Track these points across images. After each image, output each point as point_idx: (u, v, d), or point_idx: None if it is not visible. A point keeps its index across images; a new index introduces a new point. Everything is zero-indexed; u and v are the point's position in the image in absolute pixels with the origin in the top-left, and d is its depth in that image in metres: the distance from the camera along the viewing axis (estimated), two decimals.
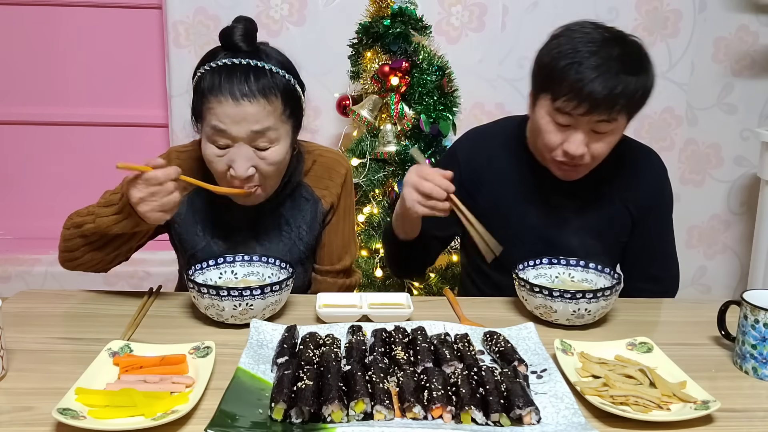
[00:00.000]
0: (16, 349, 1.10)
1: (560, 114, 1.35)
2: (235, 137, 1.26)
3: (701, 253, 2.91)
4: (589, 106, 1.30)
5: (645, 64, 1.35)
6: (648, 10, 2.58)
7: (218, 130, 1.26)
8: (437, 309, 1.35)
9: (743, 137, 2.79)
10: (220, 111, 1.25)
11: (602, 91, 1.29)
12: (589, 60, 1.30)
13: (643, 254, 1.56)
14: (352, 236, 1.57)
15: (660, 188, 1.55)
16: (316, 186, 1.48)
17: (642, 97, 1.34)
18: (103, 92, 2.73)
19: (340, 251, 1.53)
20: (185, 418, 0.91)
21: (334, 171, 1.50)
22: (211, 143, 1.29)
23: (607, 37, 1.35)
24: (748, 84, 2.73)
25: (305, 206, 1.47)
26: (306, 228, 1.47)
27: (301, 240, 1.47)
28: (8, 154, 2.77)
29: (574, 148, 1.35)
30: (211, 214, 1.44)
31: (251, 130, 1.26)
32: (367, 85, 2.22)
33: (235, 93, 1.24)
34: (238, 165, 1.27)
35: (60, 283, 2.68)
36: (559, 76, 1.32)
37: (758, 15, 2.66)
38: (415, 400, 0.93)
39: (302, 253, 1.48)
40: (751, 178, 2.82)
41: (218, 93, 1.25)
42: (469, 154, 1.57)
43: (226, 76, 1.25)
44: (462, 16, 2.56)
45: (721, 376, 1.11)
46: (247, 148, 1.28)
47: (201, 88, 1.28)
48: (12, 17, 2.64)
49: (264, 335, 1.15)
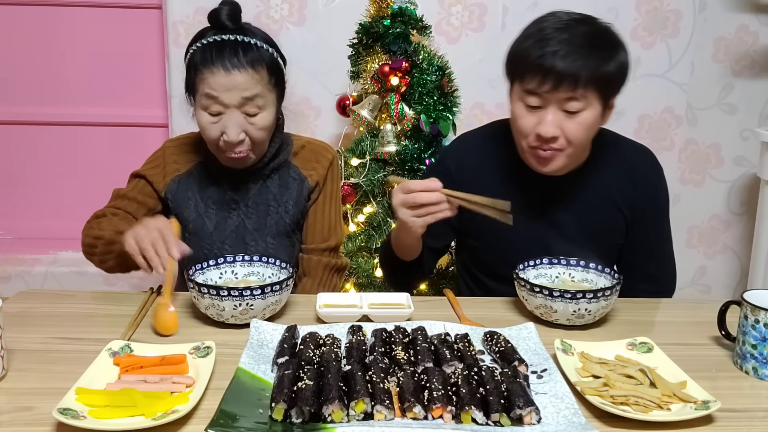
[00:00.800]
0: (16, 349, 1.10)
1: (529, 95, 1.35)
2: (226, 104, 1.40)
3: (701, 253, 2.91)
4: (554, 80, 1.30)
5: (613, 42, 1.35)
6: (648, 10, 2.58)
7: (211, 97, 1.40)
8: (437, 309, 1.35)
9: (743, 137, 2.79)
10: (212, 81, 1.39)
11: (565, 64, 1.29)
12: (554, 37, 1.31)
13: (640, 254, 1.54)
14: (338, 221, 1.64)
15: (655, 188, 1.53)
16: (304, 167, 1.59)
17: (612, 75, 1.33)
18: (103, 92, 2.73)
19: (325, 231, 1.61)
20: (185, 418, 0.91)
21: (321, 155, 1.62)
22: (204, 111, 1.42)
23: (576, 18, 1.35)
24: (748, 84, 2.73)
25: (292, 185, 1.58)
26: (292, 203, 1.57)
27: (287, 213, 1.56)
28: (8, 154, 2.77)
29: (545, 128, 1.34)
30: (204, 189, 1.56)
31: (242, 97, 1.40)
32: (367, 85, 2.22)
33: (226, 64, 1.39)
34: (230, 130, 1.41)
35: (60, 283, 2.68)
36: (524, 56, 1.34)
37: (758, 15, 2.66)
38: (415, 400, 0.93)
39: (287, 225, 1.57)
40: (751, 178, 2.82)
41: (210, 65, 1.39)
42: (457, 160, 1.56)
43: (217, 51, 1.40)
44: (462, 16, 2.56)
45: (722, 376, 1.11)
46: (238, 114, 1.41)
47: (194, 63, 1.42)
48: (12, 17, 2.64)
49: (264, 335, 1.15)
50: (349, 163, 2.23)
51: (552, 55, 1.29)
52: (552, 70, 1.29)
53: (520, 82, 1.36)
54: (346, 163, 2.24)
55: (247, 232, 1.55)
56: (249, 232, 1.55)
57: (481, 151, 1.56)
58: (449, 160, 1.59)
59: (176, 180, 1.56)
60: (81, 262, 1.56)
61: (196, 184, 1.56)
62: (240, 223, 1.55)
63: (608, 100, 1.37)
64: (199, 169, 1.56)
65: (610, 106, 1.40)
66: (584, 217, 1.49)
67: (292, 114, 1.56)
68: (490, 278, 1.56)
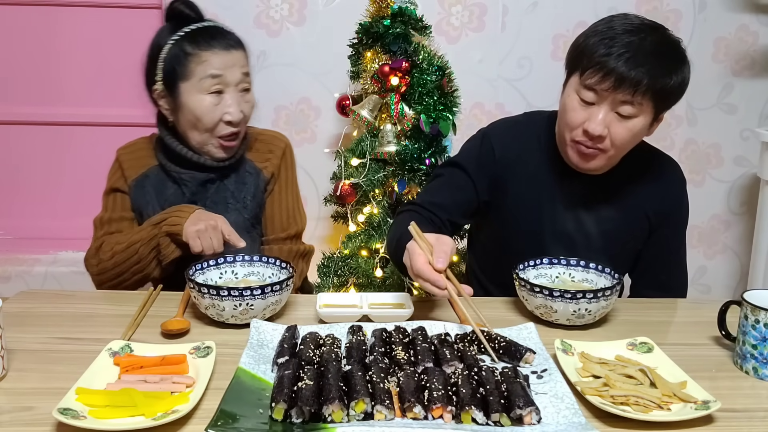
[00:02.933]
0: (16, 349, 1.10)
1: (586, 90, 1.35)
2: (228, 81, 1.47)
3: (701, 253, 2.91)
4: (614, 80, 1.30)
5: (679, 56, 1.34)
6: (648, 10, 2.58)
7: (215, 76, 1.45)
8: (437, 309, 1.35)
9: (743, 137, 2.79)
10: (216, 60, 1.46)
11: (629, 67, 1.28)
12: (622, 38, 1.30)
13: (655, 262, 1.55)
14: (297, 208, 1.65)
15: (679, 199, 1.54)
16: (258, 160, 1.62)
17: (672, 89, 1.32)
18: (102, 92, 2.73)
19: (284, 221, 1.62)
20: (185, 418, 0.91)
21: (274, 145, 1.65)
22: (204, 93, 1.46)
23: (647, 24, 1.34)
24: (748, 84, 2.73)
25: (249, 179, 1.60)
26: (250, 198, 1.59)
27: (245, 208, 1.58)
28: (8, 154, 2.77)
29: (594, 126, 1.34)
30: (161, 192, 1.56)
31: (241, 73, 1.49)
32: (367, 85, 2.22)
33: (224, 44, 1.47)
34: (233, 109, 1.48)
35: (60, 283, 2.68)
36: (590, 51, 1.33)
37: (758, 15, 2.65)
38: (415, 400, 0.93)
39: (247, 221, 1.58)
40: (751, 178, 2.82)
41: (208, 47, 1.46)
42: (501, 145, 1.54)
43: (208, 35, 1.47)
44: (462, 16, 2.56)
45: (722, 376, 1.11)
46: (236, 93, 1.49)
47: (183, 51, 1.46)
48: (12, 17, 2.64)
49: (264, 335, 1.15)
50: (349, 163, 2.23)
51: (617, 57, 1.29)
52: (615, 71, 1.29)
53: (579, 75, 1.36)
54: (346, 163, 2.24)
55: None
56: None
57: (523, 140, 1.54)
58: (494, 139, 1.55)
59: (134, 183, 1.56)
60: (81, 262, 1.56)
61: (153, 189, 1.56)
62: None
63: (661, 112, 1.37)
64: (154, 173, 1.57)
65: (659, 119, 1.40)
66: (609, 220, 1.49)
67: (292, 114, 1.57)
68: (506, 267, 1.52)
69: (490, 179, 1.52)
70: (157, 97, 1.52)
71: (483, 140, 1.57)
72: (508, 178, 1.52)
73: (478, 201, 1.53)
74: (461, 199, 1.51)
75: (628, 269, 1.58)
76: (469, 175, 1.53)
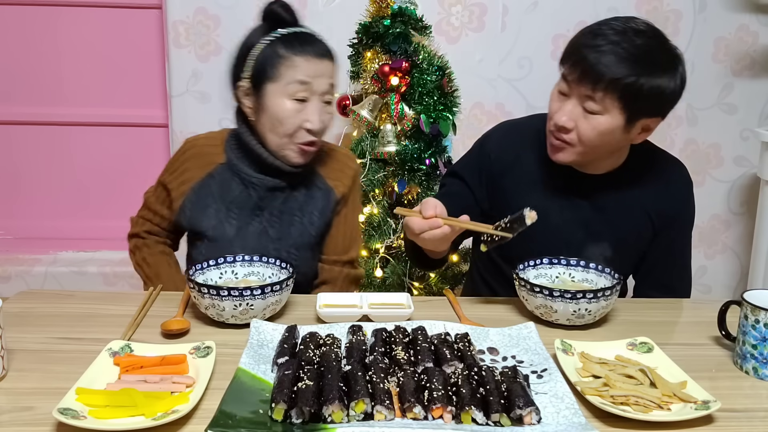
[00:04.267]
0: (16, 349, 1.10)
1: (562, 81, 1.36)
2: (315, 90, 1.44)
3: (701, 253, 2.91)
4: (580, 72, 1.31)
5: (658, 63, 1.30)
6: (648, 10, 2.58)
7: (303, 83, 1.42)
8: (437, 309, 1.35)
9: (743, 137, 2.79)
10: (306, 66, 1.42)
11: (597, 61, 1.29)
12: (608, 35, 1.30)
13: (660, 264, 1.54)
14: (358, 232, 1.64)
15: (685, 200, 1.53)
16: (329, 176, 1.57)
17: (638, 92, 1.29)
18: (103, 92, 2.73)
19: (347, 243, 1.60)
20: (185, 418, 0.91)
21: (347, 165, 1.61)
22: (289, 99, 1.43)
23: (640, 29, 1.32)
24: (748, 84, 2.73)
25: (318, 194, 1.55)
26: (318, 214, 1.54)
27: (312, 225, 1.54)
28: (8, 154, 2.77)
29: (559, 116, 1.36)
30: (226, 192, 1.52)
31: (328, 83, 1.46)
32: (367, 85, 2.22)
33: (318, 52, 1.44)
34: (315, 118, 1.44)
35: (60, 283, 2.68)
36: (574, 42, 1.35)
37: (758, 15, 2.66)
38: (415, 400, 0.93)
39: (312, 238, 1.54)
40: (751, 178, 2.82)
41: (301, 52, 1.42)
42: (498, 148, 1.55)
43: (303, 40, 1.44)
44: (462, 16, 2.56)
45: (722, 376, 1.11)
46: (319, 102, 1.45)
47: (276, 53, 1.42)
48: (12, 17, 2.64)
49: (264, 335, 1.15)
50: None
51: (592, 49, 1.29)
52: (583, 61, 1.30)
53: (561, 65, 1.38)
54: None
55: (270, 241, 1.51)
56: (271, 240, 1.51)
57: (523, 141, 1.55)
58: (491, 145, 1.57)
59: (196, 186, 1.52)
60: (81, 262, 1.56)
61: (218, 187, 1.52)
62: (262, 231, 1.52)
63: (635, 116, 1.34)
64: (219, 171, 1.52)
65: (645, 128, 1.38)
66: (614, 221, 1.48)
67: None
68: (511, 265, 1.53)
69: (488, 184, 1.54)
70: (242, 94, 1.47)
71: (480, 146, 1.60)
72: (507, 180, 1.52)
73: (479, 208, 1.54)
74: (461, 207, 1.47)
75: (633, 270, 1.57)
76: (467, 183, 1.56)
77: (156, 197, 1.59)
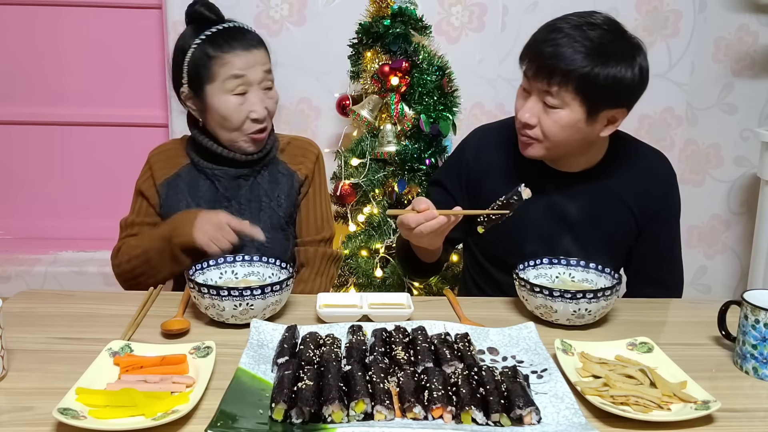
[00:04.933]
0: (16, 349, 1.10)
1: (523, 77, 1.38)
2: (251, 81, 1.49)
3: (701, 253, 2.91)
4: (536, 67, 1.32)
5: (613, 53, 1.29)
6: (648, 10, 2.58)
7: (238, 76, 1.47)
8: (437, 309, 1.35)
9: (743, 137, 2.78)
10: (237, 61, 1.47)
11: (549, 54, 1.29)
12: (565, 30, 1.31)
13: (649, 258, 1.54)
14: (329, 214, 1.70)
15: (669, 193, 1.53)
16: (291, 162, 1.64)
17: (594, 83, 1.29)
18: (103, 92, 2.73)
19: (319, 224, 1.65)
20: (185, 418, 0.91)
21: (308, 150, 1.68)
22: (229, 94, 1.48)
23: (596, 23, 1.32)
24: (748, 84, 2.72)
25: (282, 180, 1.62)
26: (284, 197, 1.60)
27: (280, 207, 1.60)
28: (8, 154, 2.77)
29: (521, 113, 1.37)
30: (194, 189, 1.58)
31: (263, 71, 1.51)
32: (367, 85, 2.22)
33: (245, 44, 1.49)
34: (258, 107, 1.50)
35: (60, 283, 2.68)
36: (533, 39, 1.36)
37: (758, 15, 2.65)
38: (415, 400, 0.93)
39: (281, 219, 1.60)
40: (751, 178, 2.82)
41: (230, 49, 1.47)
42: (476, 151, 1.57)
43: (228, 37, 1.49)
44: (462, 16, 2.56)
45: (722, 376, 1.11)
46: (259, 91, 1.51)
47: (205, 54, 1.48)
48: (12, 17, 2.64)
49: (264, 335, 1.15)
50: (349, 163, 2.23)
51: (547, 43, 1.30)
52: (539, 56, 1.31)
53: (521, 62, 1.38)
54: (346, 163, 2.24)
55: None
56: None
57: (498, 142, 1.56)
58: (467, 151, 1.59)
59: (165, 184, 1.58)
60: (81, 262, 1.56)
61: (186, 186, 1.57)
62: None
63: (597, 108, 1.33)
64: (186, 171, 1.59)
65: (611, 120, 1.38)
66: (595, 216, 1.48)
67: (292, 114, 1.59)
68: (499, 269, 1.55)
69: (469, 190, 1.55)
70: (185, 99, 1.54)
71: (459, 153, 1.62)
72: (487, 183, 1.53)
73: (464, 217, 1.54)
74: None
75: (620, 265, 1.56)
76: (448, 191, 1.57)
77: (141, 211, 1.59)
